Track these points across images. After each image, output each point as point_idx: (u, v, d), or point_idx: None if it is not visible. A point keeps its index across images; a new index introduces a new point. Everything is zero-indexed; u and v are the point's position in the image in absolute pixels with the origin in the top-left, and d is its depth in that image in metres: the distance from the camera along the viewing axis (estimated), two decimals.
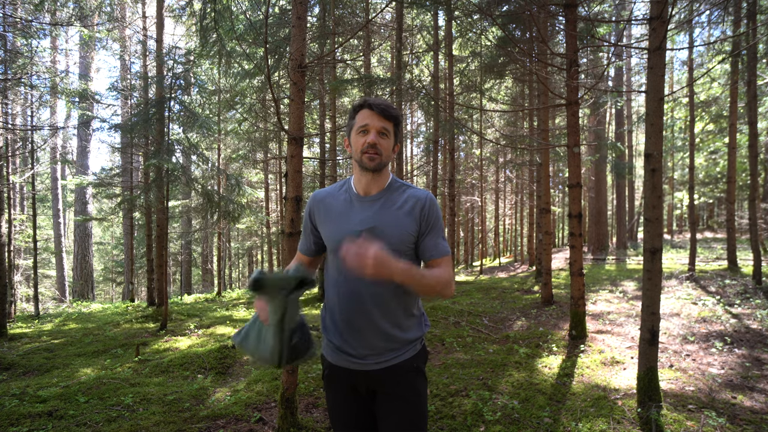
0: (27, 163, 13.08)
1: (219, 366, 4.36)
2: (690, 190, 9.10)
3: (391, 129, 1.37)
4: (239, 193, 8.42)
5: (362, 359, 1.38)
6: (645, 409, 2.85)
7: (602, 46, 8.16)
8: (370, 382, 1.41)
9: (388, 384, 1.39)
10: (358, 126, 1.36)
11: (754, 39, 7.68)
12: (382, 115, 1.34)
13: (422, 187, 15.50)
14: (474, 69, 10.75)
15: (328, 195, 1.47)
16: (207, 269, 18.93)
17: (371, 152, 1.33)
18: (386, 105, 1.35)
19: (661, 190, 2.98)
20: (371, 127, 1.34)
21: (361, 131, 1.35)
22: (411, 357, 1.41)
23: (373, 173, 1.37)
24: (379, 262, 1.13)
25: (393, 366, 1.38)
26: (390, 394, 1.39)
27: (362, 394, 1.45)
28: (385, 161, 1.37)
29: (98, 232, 24.40)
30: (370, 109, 1.34)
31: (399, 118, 1.39)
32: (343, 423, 1.46)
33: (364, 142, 1.34)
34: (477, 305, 6.99)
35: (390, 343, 1.38)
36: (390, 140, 1.38)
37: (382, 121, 1.34)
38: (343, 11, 8.54)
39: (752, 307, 5.77)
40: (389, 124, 1.36)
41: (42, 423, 2.98)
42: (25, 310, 10.74)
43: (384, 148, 1.35)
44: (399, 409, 1.37)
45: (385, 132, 1.35)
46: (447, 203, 10.30)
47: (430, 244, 1.39)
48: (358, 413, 1.45)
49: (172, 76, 6.78)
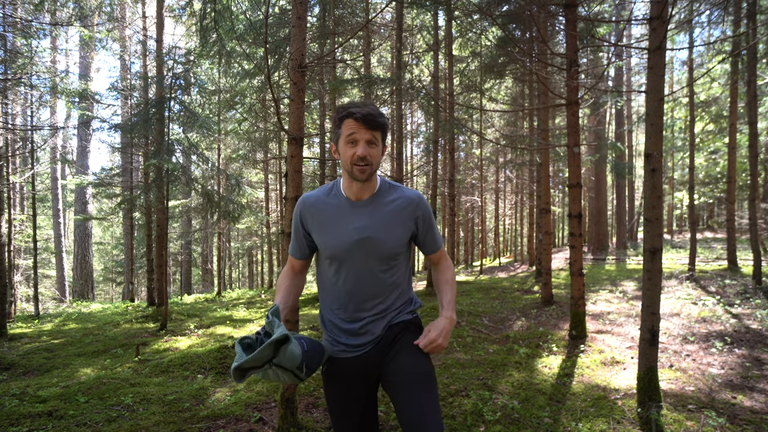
0: (27, 163, 13.08)
1: (219, 366, 4.36)
2: (690, 190, 9.10)
3: (379, 137, 1.35)
4: (239, 193, 8.42)
5: (359, 347, 1.43)
6: (645, 409, 2.85)
7: (602, 46, 8.16)
8: (370, 366, 1.43)
9: (389, 344, 1.42)
10: (346, 136, 1.33)
11: (754, 39, 7.68)
12: (369, 126, 1.31)
13: (422, 187, 15.47)
14: (474, 69, 10.75)
15: (318, 200, 1.46)
16: (207, 269, 18.93)
17: (361, 165, 1.32)
18: (372, 114, 1.31)
19: (661, 190, 2.98)
20: (359, 138, 1.31)
21: (350, 142, 1.33)
22: (406, 320, 1.48)
23: (363, 182, 1.37)
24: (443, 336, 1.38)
25: (391, 326, 1.44)
26: (395, 349, 1.41)
27: (362, 388, 1.46)
28: (375, 169, 1.37)
29: (98, 232, 24.40)
30: (355, 120, 1.30)
31: (386, 125, 1.36)
32: (345, 416, 1.47)
33: (353, 155, 1.31)
34: (477, 305, 6.99)
35: (382, 326, 1.44)
36: (379, 147, 1.36)
37: (369, 132, 1.31)
38: (343, 11, 8.53)
39: (752, 307, 5.77)
40: (377, 132, 1.33)
41: (42, 423, 2.98)
42: (25, 310, 10.74)
43: (374, 157, 1.34)
44: (405, 359, 1.38)
45: (373, 141, 1.33)
46: (447, 203, 10.30)
47: (431, 241, 1.52)
48: (358, 407, 1.46)
49: (172, 76, 6.78)
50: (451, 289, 1.48)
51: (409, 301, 1.52)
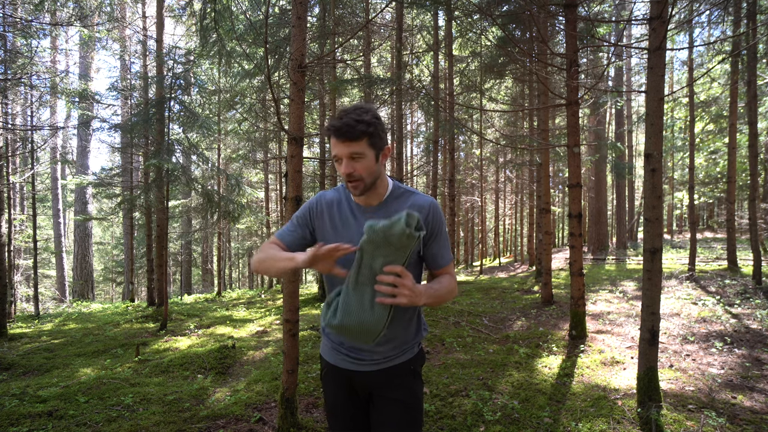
0: (27, 163, 13.08)
1: (219, 366, 4.36)
2: (690, 190, 9.10)
3: (363, 147, 1.25)
4: (239, 193, 8.43)
5: (360, 360, 1.39)
6: (645, 409, 2.85)
7: (602, 46, 8.16)
8: (367, 383, 1.41)
9: (385, 386, 1.39)
10: (333, 155, 1.29)
11: (754, 39, 7.68)
12: (346, 140, 1.23)
13: (422, 187, 15.43)
14: (474, 69, 10.76)
15: (335, 200, 1.42)
16: (207, 269, 18.94)
17: (350, 181, 1.28)
18: (348, 125, 1.22)
19: (661, 190, 2.98)
20: (340, 155, 1.26)
21: (337, 160, 1.29)
22: (408, 359, 1.41)
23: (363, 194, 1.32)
24: (413, 292, 1.19)
25: (390, 368, 1.38)
26: (387, 396, 1.38)
27: (359, 395, 1.45)
28: (370, 181, 1.29)
29: (98, 232, 24.40)
30: (334, 135, 1.25)
31: (368, 131, 1.24)
32: (341, 422, 1.46)
33: (342, 173, 1.28)
34: (477, 305, 6.99)
35: (388, 346, 1.38)
36: (366, 159, 1.26)
37: (348, 146, 1.24)
38: (343, 11, 8.53)
39: (752, 307, 5.77)
40: (358, 144, 1.24)
41: (42, 423, 2.98)
42: (25, 310, 10.74)
43: (361, 170, 1.26)
44: (395, 412, 1.37)
45: (356, 156, 1.25)
46: (447, 203, 10.30)
47: (437, 253, 1.38)
48: (355, 413, 1.45)
49: (172, 76, 6.78)
50: (441, 287, 1.34)
51: (417, 329, 1.45)
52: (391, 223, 1.16)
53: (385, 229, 1.16)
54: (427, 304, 1.28)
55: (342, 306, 1.25)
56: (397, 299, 1.18)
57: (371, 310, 1.22)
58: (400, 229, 1.15)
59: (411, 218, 1.18)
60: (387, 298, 1.18)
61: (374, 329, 1.22)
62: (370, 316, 1.22)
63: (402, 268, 1.19)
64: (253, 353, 4.89)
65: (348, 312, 1.23)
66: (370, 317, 1.22)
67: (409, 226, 1.16)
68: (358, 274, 1.23)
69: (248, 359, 4.68)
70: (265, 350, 5.02)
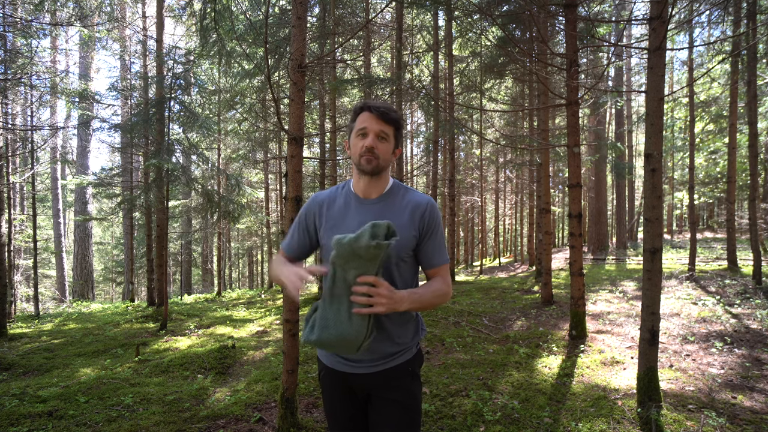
0: (27, 163, 13.08)
1: (219, 366, 4.36)
2: (690, 190, 9.10)
3: (391, 133, 1.35)
4: (239, 193, 8.42)
5: (357, 362, 1.38)
6: (645, 409, 2.85)
7: (602, 46, 8.16)
8: (364, 384, 1.40)
9: (383, 387, 1.38)
10: (357, 129, 1.34)
11: (754, 39, 7.68)
12: (381, 119, 1.32)
13: (422, 187, 15.42)
14: (474, 69, 10.76)
15: (328, 197, 1.44)
16: (207, 269, 18.94)
17: (368, 155, 1.32)
18: (386, 108, 1.33)
19: (661, 190, 2.98)
20: (369, 130, 1.33)
21: (360, 134, 1.34)
22: (406, 360, 1.41)
23: (371, 176, 1.36)
24: (390, 299, 1.20)
25: (388, 369, 1.38)
26: (385, 397, 1.38)
27: (358, 395, 1.45)
28: (383, 165, 1.35)
29: (98, 232, 24.40)
30: (369, 112, 1.33)
31: (399, 121, 1.37)
32: (340, 423, 1.46)
33: (362, 146, 1.32)
34: (477, 305, 6.99)
35: (386, 348, 1.37)
36: (389, 144, 1.35)
37: (380, 125, 1.32)
38: (343, 11, 8.53)
39: (752, 307, 5.77)
40: (389, 127, 1.34)
41: (42, 423, 2.98)
42: (25, 310, 10.74)
43: (382, 151, 1.33)
44: (393, 413, 1.36)
45: (383, 136, 1.33)
46: (447, 203, 10.29)
47: (430, 252, 1.39)
48: (354, 413, 1.45)
49: (172, 76, 6.78)
50: (427, 291, 1.32)
51: (415, 330, 1.44)
52: (357, 236, 1.18)
53: (352, 242, 1.17)
54: (411, 309, 1.28)
55: (319, 321, 1.26)
56: (374, 308, 1.19)
57: (349, 322, 1.22)
58: (365, 241, 1.16)
59: (377, 228, 1.19)
60: (363, 308, 1.19)
61: (355, 340, 1.23)
62: (348, 327, 1.22)
63: (375, 278, 1.19)
64: (253, 353, 4.89)
65: (325, 326, 1.24)
66: (349, 329, 1.22)
67: (374, 238, 1.17)
68: (332, 287, 1.24)
69: (248, 359, 4.68)
70: (265, 350, 5.02)
